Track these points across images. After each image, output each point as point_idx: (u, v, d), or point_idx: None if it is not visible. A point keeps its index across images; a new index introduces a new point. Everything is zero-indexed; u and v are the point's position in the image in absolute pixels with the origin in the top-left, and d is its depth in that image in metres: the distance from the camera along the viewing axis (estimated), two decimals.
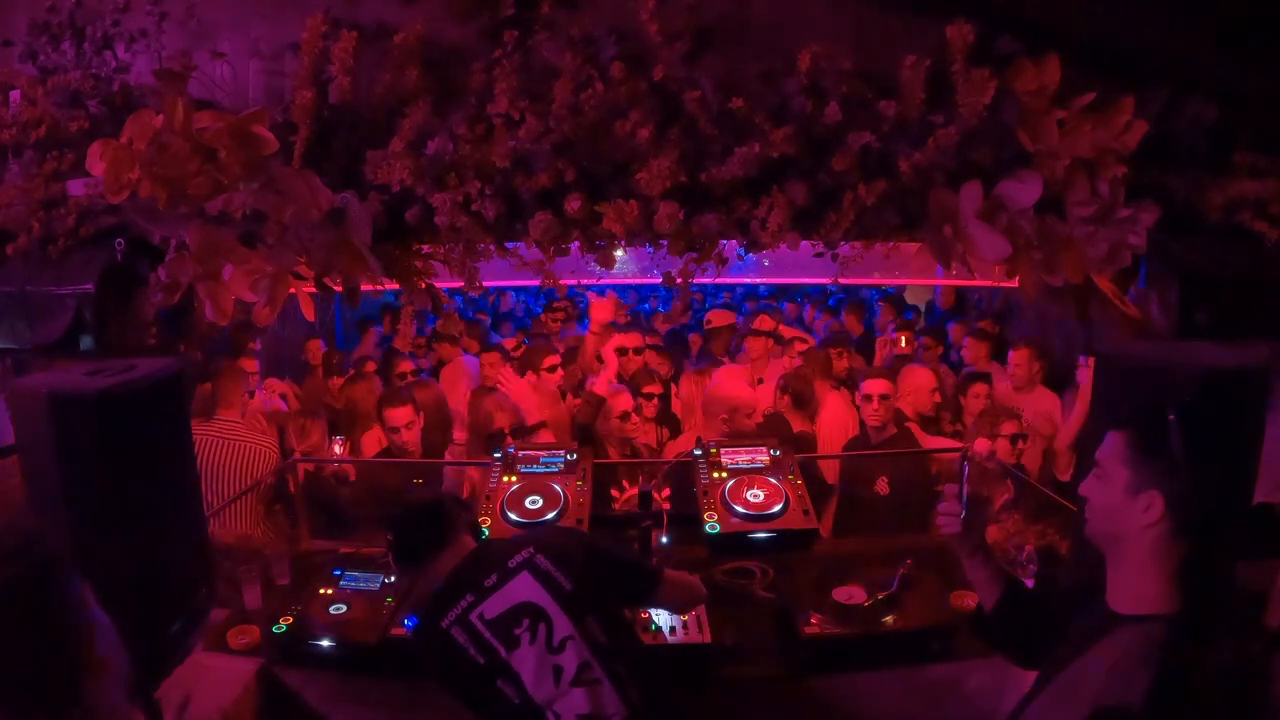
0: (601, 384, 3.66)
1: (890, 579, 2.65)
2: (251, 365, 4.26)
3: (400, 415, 3.55)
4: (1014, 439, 3.57)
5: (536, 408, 3.88)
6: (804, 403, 4.10)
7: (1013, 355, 4.72)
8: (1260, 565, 2.29)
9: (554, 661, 1.82)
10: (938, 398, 4.20)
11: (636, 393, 3.82)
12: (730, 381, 3.61)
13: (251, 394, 4.07)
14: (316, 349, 5.40)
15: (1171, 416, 1.43)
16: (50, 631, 1.13)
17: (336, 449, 3.78)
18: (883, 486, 3.54)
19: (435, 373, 5.20)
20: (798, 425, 4.02)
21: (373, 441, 3.96)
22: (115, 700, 1.20)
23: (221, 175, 2.22)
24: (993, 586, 1.76)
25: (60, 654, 1.14)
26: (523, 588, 1.89)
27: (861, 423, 3.82)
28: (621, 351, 4.24)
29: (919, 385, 4.17)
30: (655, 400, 3.93)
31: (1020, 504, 3.35)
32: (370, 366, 4.99)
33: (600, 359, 4.11)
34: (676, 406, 4.43)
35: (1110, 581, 1.47)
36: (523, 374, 4.32)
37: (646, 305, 8.91)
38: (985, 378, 4.55)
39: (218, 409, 3.61)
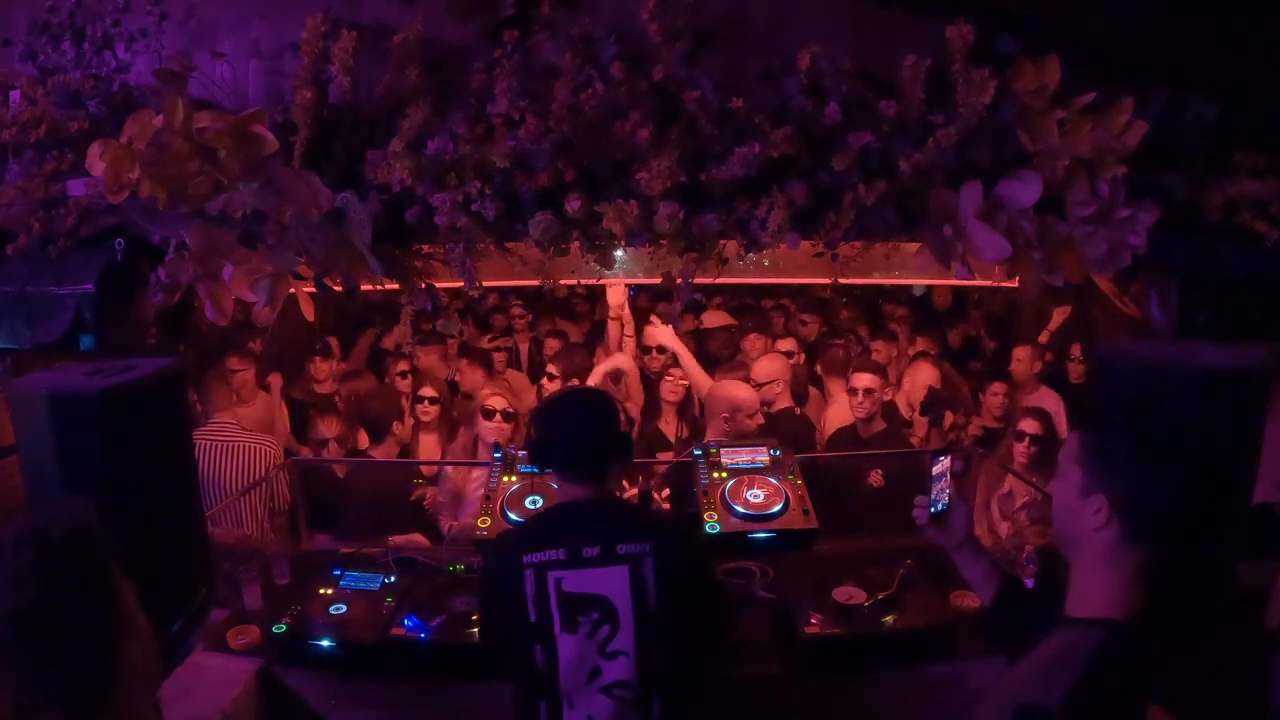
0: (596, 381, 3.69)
1: (890, 579, 2.66)
2: (241, 364, 4.26)
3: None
4: (1020, 435, 3.57)
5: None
6: (800, 402, 4.13)
7: (1015, 352, 4.73)
8: (1260, 565, 2.29)
9: (598, 663, 1.77)
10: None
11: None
12: (732, 381, 3.61)
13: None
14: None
15: (1119, 419, 1.40)
16: (89, 630, 1.14)
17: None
18: (875, 479, 3.55)
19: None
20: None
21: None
22: (143, 706, 1.20)
23: (221, 175, 2.21)
24: (988, 582, 1.74)
25: (98, 653, 1.14)
26: (614, 582, 1.79)
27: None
28: (645, 350, 4.24)
29: (918, 382, 4.19)
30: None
31: (1032, 505, 3.35)
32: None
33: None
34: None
35: (1070, 582, 1.45)
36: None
37: None
38: (1003, 375, 4.56)
39: (211, 415, 3.62)
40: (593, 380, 3.75)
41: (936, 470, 1.75)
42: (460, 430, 4.15)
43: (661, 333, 3.98)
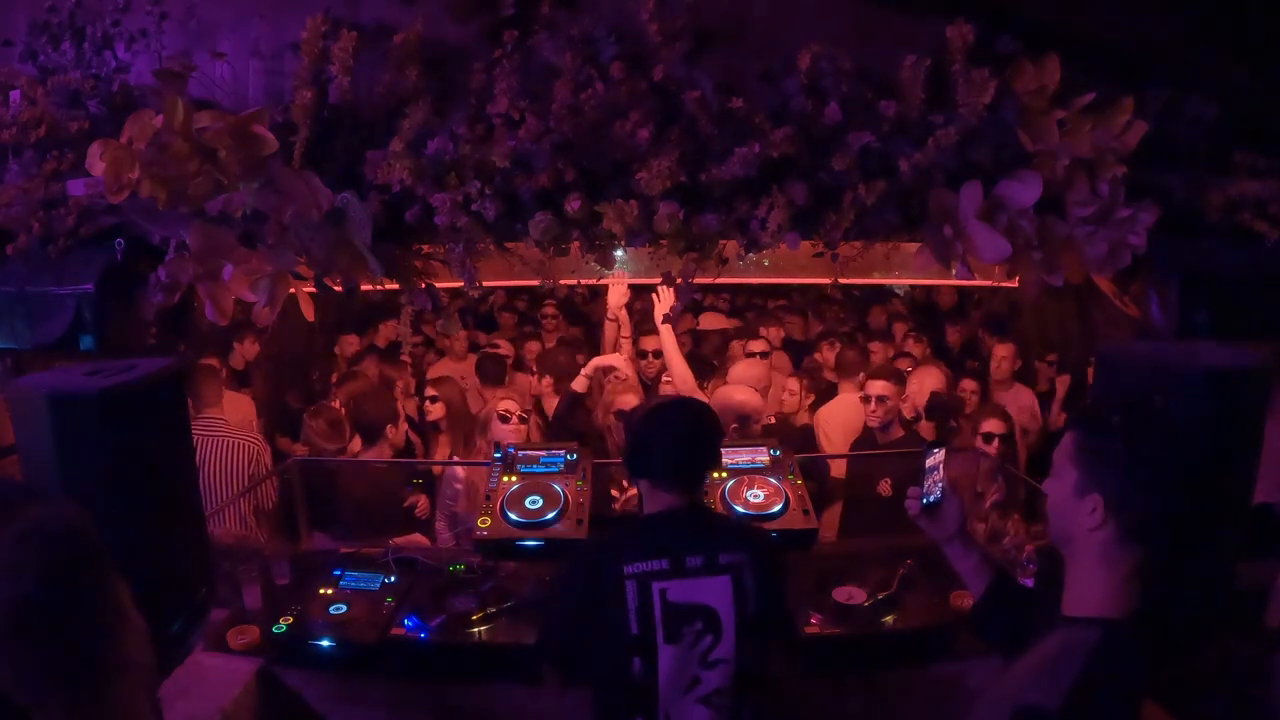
0: (580, 382, 3.68)
1: (890, 579, 2.66)
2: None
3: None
4: (988, 437, 3.54)
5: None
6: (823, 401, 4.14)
7: (996, 350, 4.74)
8: (1260, 565, 2.29)
9: (698, 673, 1.77)
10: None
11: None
12: (736, 387, 3.59)
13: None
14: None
15: (1114, 418, 1.39)
16: (88, 624, 1.13)
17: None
18: (885, 488, 3.54)
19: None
20: (802, 419, 4.05)
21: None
22: (140, 704, 1.20)
23: (221, 175, 2.21)
24: (979, 576, 1.74)
25: (95, 647, 1.14)
26: (717, 591, 1.79)
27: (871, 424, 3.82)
28: (642, 355, 4.21)
29: (921, 385, 4.18)
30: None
31: (1010, 502, 3.34)
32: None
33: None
34: None
35: (1066, 582, 1.44)
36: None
37: None
38: (974, 374, 4.56)
39: (201, 409, 3.63)
40: (583, 377, 3.74)
41: (929, 463, 1.74)
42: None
43: (663, 332, 3.93)
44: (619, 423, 3.45)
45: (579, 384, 3.71)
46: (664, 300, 3.63)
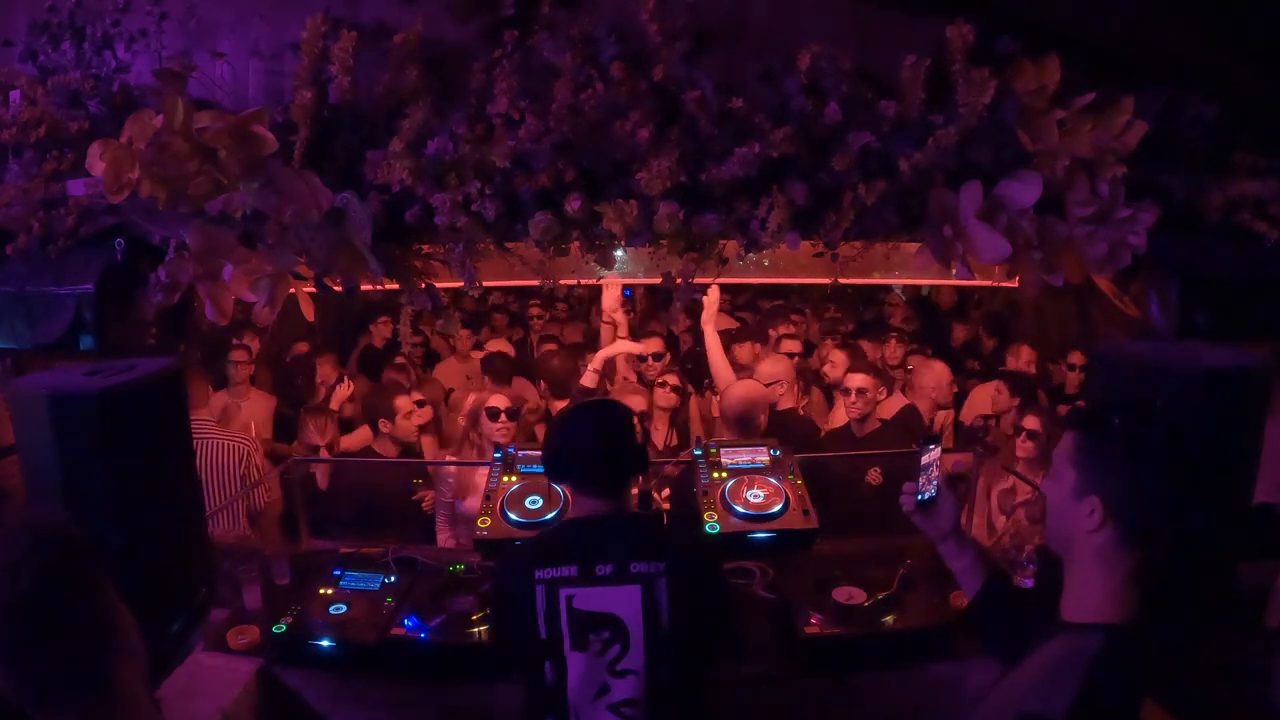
0: (590, 377, 3.69)
1: (890, 579, 2.66)
2: (241, 358, 4.30)
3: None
4: (1018, 430, 3.56)
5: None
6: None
7: (1022, 352, 4.74)
8: (1260, 565, 2.29)
9: (606, 681, 1.75)
10: (955, 388, 4.20)
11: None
12: (753, 385, 3.59)
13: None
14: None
15: (1115, 420, 1.37)
16: (86, 618, 1.15)
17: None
18: (874, 478, 3.55)
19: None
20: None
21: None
22: (139, 686, 1.22)
23: (221, 175, 2.22)
24: (973, 575, 1.71)
25: (94, 640, 1.16)
26: (626, 601, 1.76)
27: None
28: (641, 358, 4.20)
29: (937, 379, 4.17)
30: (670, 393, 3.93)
31: (1031, 503, 3.34)
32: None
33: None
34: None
35: (1065, 586, 1.42)
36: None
37: None
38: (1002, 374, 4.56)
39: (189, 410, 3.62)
40: (591, 372, 3.74)
41: (925, 460, 1.72)
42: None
43: (707, 333, 3.92)
44: None
45: (588, 379, 3.72)
46: (710, 303, 3.76)
